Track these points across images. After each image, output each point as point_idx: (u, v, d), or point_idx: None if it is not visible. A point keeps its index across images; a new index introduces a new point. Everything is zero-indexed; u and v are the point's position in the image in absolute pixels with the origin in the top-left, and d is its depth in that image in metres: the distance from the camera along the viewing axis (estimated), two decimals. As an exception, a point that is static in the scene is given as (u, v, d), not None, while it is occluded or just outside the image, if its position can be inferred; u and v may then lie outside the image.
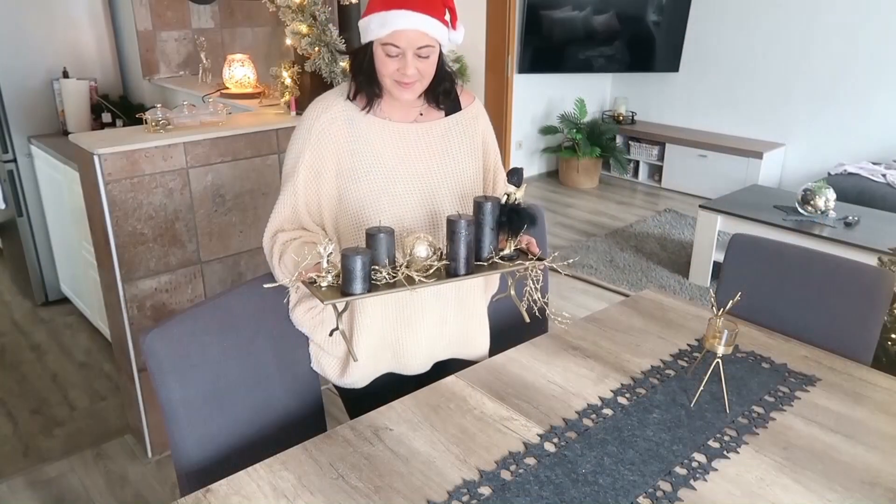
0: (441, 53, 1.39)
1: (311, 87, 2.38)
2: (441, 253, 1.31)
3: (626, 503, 1.07)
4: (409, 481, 1.12)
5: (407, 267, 1.26)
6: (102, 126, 3.34)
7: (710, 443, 1.22)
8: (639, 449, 1.19)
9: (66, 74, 3.28)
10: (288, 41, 2.32)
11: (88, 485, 2.26)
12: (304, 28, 2.25)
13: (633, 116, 6.03)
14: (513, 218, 1.33)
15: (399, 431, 1.24)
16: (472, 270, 1.30)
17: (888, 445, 1.23)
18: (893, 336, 2.02)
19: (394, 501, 1.07)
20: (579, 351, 1.52)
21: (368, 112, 1.41)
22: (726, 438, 1.23)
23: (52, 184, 3.11)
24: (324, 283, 1.21)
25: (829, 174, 4.50)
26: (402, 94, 1.37)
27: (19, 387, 2.82)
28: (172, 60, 3.56)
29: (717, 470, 1.15)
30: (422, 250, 1.28)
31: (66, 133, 3.20)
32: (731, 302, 1.33)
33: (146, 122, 2.17)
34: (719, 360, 1.30)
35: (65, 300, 3.47)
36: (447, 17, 1.36)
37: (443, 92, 1.45)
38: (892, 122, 4.67)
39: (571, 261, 1.73)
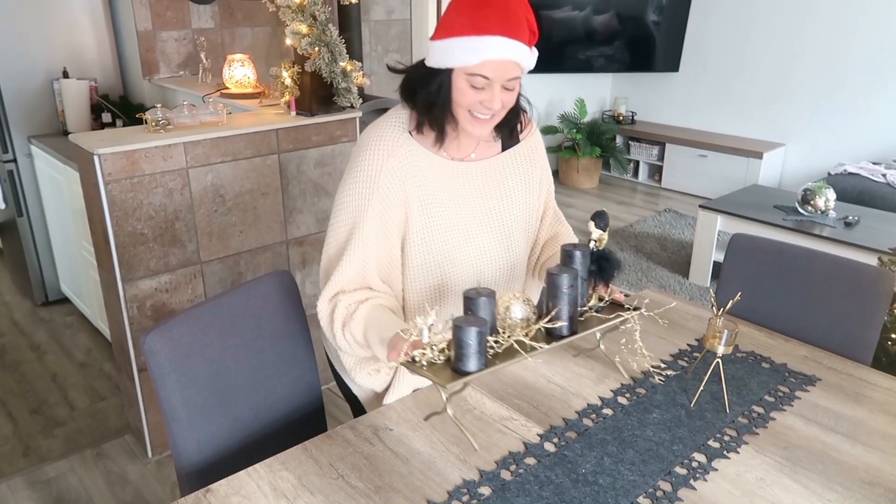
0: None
1: (311, 87, 2.38)
2: (538, 312, 1.20)
3: (626, 503, 1.07)
4: (409, 481, 1.12)
5: (504, 330, 1.13)
6: (102, 126, 3.34)
7: (710, 443, 1.22)
8: (639, 449, 1.19)
9: (66, 74, 3.28)
10: (288, 41, 2.32)
11: (88, 485, 2.26)
12: (304, 28, 2.25)
13: (633, 116, 6.03)
14: (603, 266, 1.24)
15: (399, 431, 1.24)
16: (576, 329, 1.19)
17: (888, 445, 1.23)
18: (893, 336, 2.02)
19: (394, 501, 1.07)
20: (579, 351, 1.52)
21: (440, 149, 1.29)
22: (726, 438, 1.23)
23: (52, 184, 3.11)
24: (424, 360, 1.07)
25: (829, 174, 4.50)
26: (476, 128, 1.24)
27: (19, 387, 2.82)
28: (172, 60, 3.56)
29: (717, 470, 1.15)
30: (518, 311, 1.16)
31: (66, 133, 3.20)
32: (731, 302, 1.33)
33: (146, 122, 2.17)
34: (719, 360, 1.30)
35: (65, 300, 3.47)
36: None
37: (510, 125, 1.32)
38: (891, 122, 4.67)
39: (665, 308, 1.57)
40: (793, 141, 5.20)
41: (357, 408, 1.54)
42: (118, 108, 3.41)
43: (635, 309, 1.26)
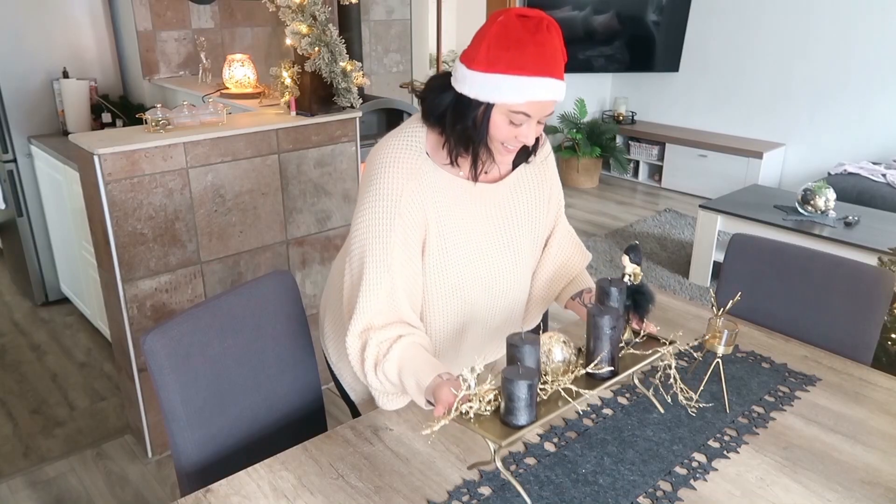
0: None
1: (311, 87, 2.38)
2: (579, 351, 1.18)
3: (626, 503, 1.07)
4: (409, 481, 1.12)
5: (546, 374, 1.10)
6: (102, 126, 3.34)
7: (710, 443, 1.22)
8: (639, 449, 1.19)
9: (66, 74, 3.28)
10: (288, 41, 2.32)
11: (88, 485, 2.26)
12: (304, 28, 2.25)
13: (633, 116, 6.03)
14: (638, 300, 1.23)
15: (399, 431, 1.24)
16: (617, 370, 1.17)
17: (888, 445, 1.23)
18: (893, 336, 2.03)
19: (394, 501, 1.07)
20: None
21: (458, 170, 1.27)
22: (726, 438, 1.23)
23: (52, 184, 3.11)
24: (471, 412, 1.01)
25: (829, 174, 4.50)
26: (505, 157, 1.24)
27: (19, 387, 2.82)
28: (172, 60, 3.56)
29: (717, 470, 1.15)
30: (559, 353, 1.13)
31: (66, 133, 3.20)
32: (731, 302, 1.33)
33: (146, 122, 2.17)
34: (719, 360, 1.30)
35: (65, 300, 3.47)
36: None
37: (527, 147, 1.30)
38: (892, 122, 4.67)
39: (698, 341, 1.53)
40: (793, 141, 5.20)
41: (356, 411, 1.54)
42: (118, 108, 3.41)
43: (670, 343, 1.24)
